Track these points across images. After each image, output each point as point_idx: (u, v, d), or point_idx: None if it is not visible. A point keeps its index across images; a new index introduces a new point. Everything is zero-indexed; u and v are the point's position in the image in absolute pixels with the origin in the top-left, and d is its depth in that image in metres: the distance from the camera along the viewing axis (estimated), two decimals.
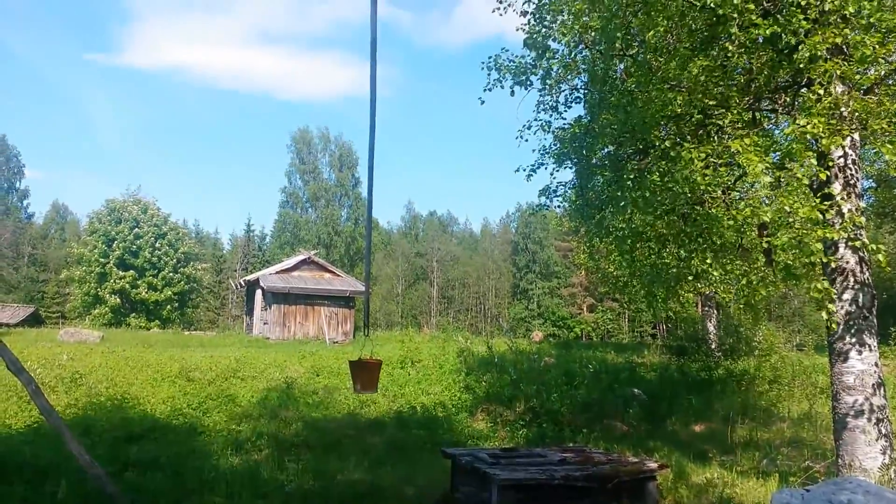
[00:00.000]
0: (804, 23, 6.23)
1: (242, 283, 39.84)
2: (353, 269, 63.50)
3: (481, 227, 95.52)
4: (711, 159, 6.44)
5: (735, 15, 6.17)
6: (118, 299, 44.85)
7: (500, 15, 9.61)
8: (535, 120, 9.89)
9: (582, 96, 9.89)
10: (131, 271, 45.47)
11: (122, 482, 6.62)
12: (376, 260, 71.95)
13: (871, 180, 20.03)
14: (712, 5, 6.16)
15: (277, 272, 35.66)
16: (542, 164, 10.35)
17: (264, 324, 33.36)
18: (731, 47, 6.51)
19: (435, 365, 16.53)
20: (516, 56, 9.30)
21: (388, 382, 14.62)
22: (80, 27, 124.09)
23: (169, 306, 47.05)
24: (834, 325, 7.30)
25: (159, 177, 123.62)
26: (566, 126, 10.08)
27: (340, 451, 10.34)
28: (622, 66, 8.93)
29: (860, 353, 7.48)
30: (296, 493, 7.08)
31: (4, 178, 79.07)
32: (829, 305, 6.81)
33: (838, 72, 6.35)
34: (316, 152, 75.37)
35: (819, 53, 6.20)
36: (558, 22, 8.52)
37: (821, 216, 6.19)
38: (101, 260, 45.32)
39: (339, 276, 36.56)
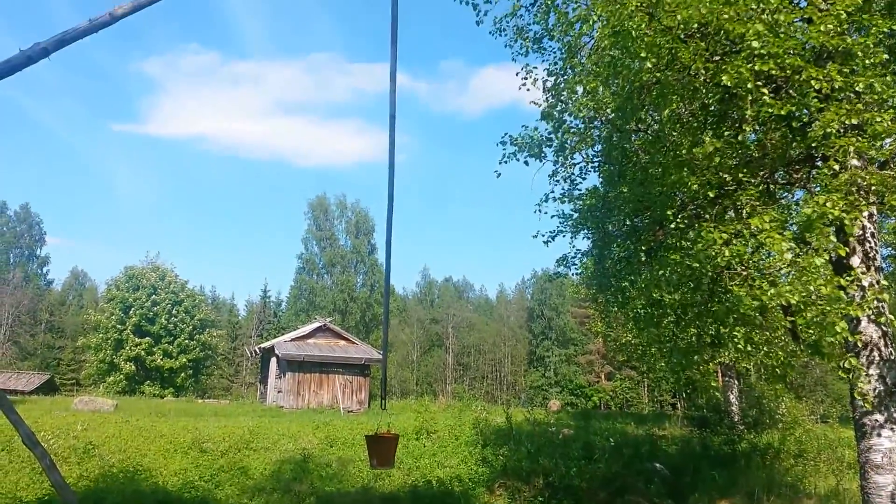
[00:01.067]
0: (816, 101, 6.33)
1: (257, 350, 39.77)
2: (369, 335, 63.30)
3: (497, 293, 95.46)
4: (730, 236, 6.46)
5: (749, 97, 6.29)
6: (133, 366, 44.86)
7: (528, 90, 9.91)
8: (552, 191, 10.01)
9: (597, 166, 10.03)
10: (147, 338, 45.63)
11: None
12: (392, 326, 71.78)
13: (889, 248, 19.86)
14: (727, 84, 6.28)
15: (293, 339, 35.60)
16: (561, 232, 10.43)
17: (278, 392, 33.10)
18: (746, 127, 6.62)
19: (451, 436, 16.24)
20: (531, 129, 9.50)
21: (403, 454, 14.35)
22: (108, 99, 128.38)
23: (183, 374, 46.98)
24: (869, 404, 7.12)
25: (178, 243, 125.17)
26: (582, 195, 10.17)
27: None
28: (636, 137, 9.08)
29: (891, 430, 7.28)
30: None
31: (25, 245, 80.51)
32: (861, 384, 6.67)
33: (853, 147, 6.40)
34: (332, 219, 76.34)
35: (832, 131, 6.27)
36: (573, 99, 8.72)
37: (843, 294, 6.15)
38: (118, 327, 45.59)
39: (354, 343, 36.42)
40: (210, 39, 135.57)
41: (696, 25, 6.36)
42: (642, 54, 6.24)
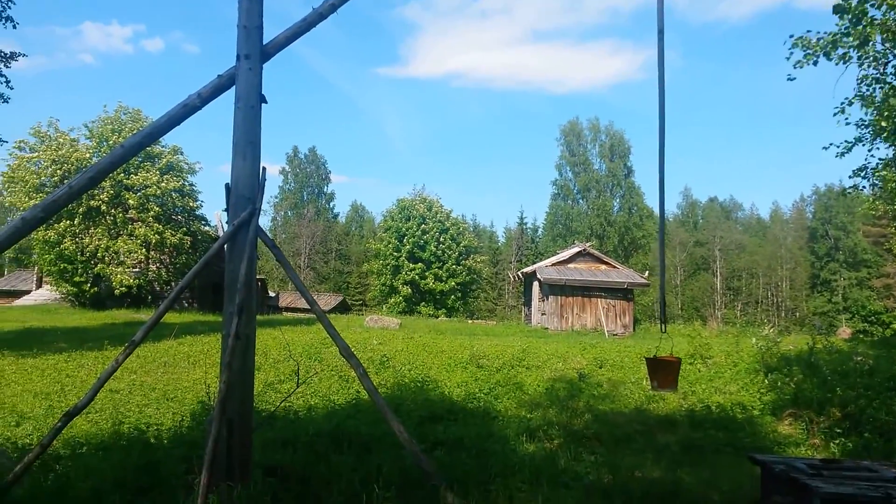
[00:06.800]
0: None
1: (520, 275, 41.13)
2: (628, 259, 62.18)
3: (770, 213, 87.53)
4: None
5: None
6: (409, 289, 49.15)
7: None
8: (856, 95, 8.72)
9: None
10: (420, 264, 49.52)
11: (434, 460, 7.14)
12: (652, 250, 69.56)
13: None
14: None
15: (553, 264, 36.19)
16: (860, 141, 9.22)
17: (542, 314, 34.06)
18: None
19: (728, 362, 15.44)
20: (827, 34, 8.29)
21: None
22: (374, 45, 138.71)
23: (453, 296, 50.37)
24: None
25: (440, 176, 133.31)
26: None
27: (632, 447, 10.10)
28: None
29: None
30: (595, 486, 7.05)
31: (315, 184, 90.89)
32: None
33: None
34: (585, 143, 75.28)
35: None
36: None
37: None
38: (395, 254, 50.05)
39: (615, 267, 36.00)
40: None
41: None
42: None
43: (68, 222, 31.75)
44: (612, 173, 72.48)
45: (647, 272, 39.49)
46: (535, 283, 35.73)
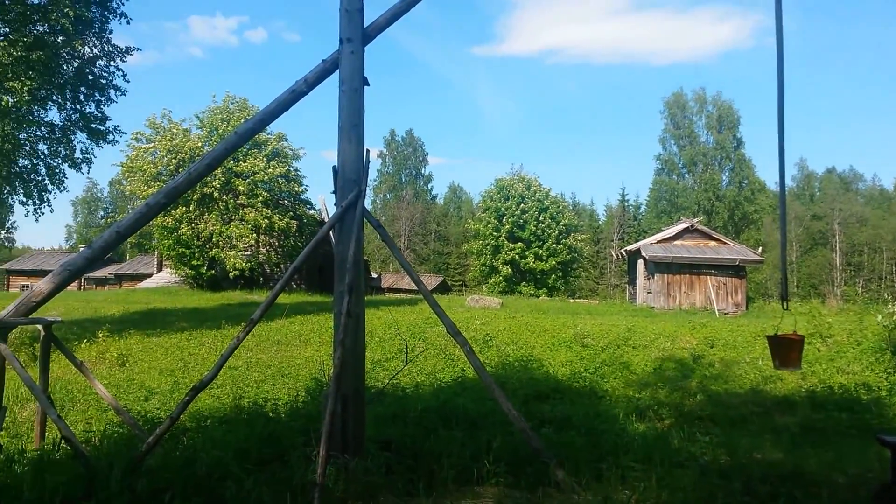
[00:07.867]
0: None
1: (624, 253, 40.19)
2: (739, 235, 59.52)
3: (894, 183, 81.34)
4: None
5: None
6: (510, 269, 49.05)
7: None
8: None
9: None
10: (520, 243, 49.29)
11: (542, 437, 7.11)
12: (765, 225, 66.22)
13: None
14: None
15: (658, 241, 35.12)
16: None
17: (648, 293, 33.18)
18: None
19: (851, 341, 14.54)
20: None
21: None
22: (469, 24, 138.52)
23: (554, 275, 49.87)
24: None
25: (538, 154, 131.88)
26: None
27: (748, 429, 9.71)
28: None
29: None
30: (711, 466, 6.81)
31: (412, 166, 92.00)
32: None
33: None
34: (691, 115, 72.46)
35: None
36: None
37: None
38: (494, 234, 50.02)
39: (725, 243, 34.53)
40: None
41: None
42: None
43: (184, 209, 33.56)
44: (720, 145, 69.41)
45: (761, 248, 37.65)
46: (640, 262, 34.81)
